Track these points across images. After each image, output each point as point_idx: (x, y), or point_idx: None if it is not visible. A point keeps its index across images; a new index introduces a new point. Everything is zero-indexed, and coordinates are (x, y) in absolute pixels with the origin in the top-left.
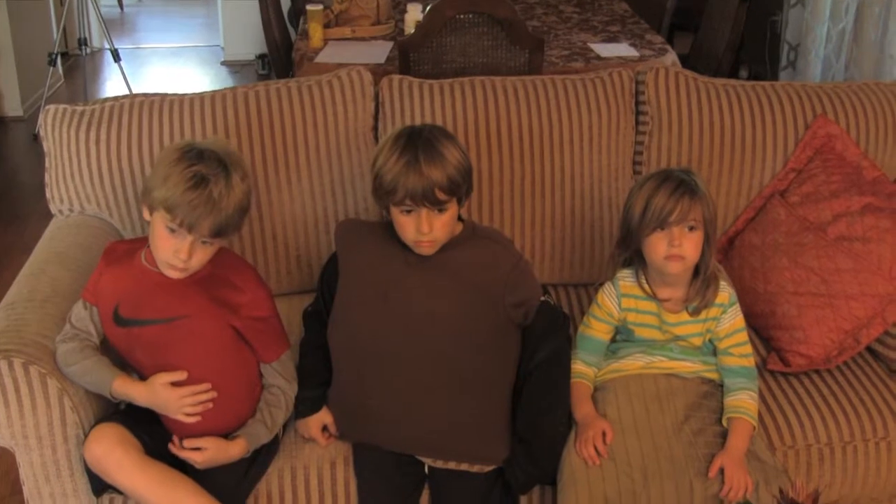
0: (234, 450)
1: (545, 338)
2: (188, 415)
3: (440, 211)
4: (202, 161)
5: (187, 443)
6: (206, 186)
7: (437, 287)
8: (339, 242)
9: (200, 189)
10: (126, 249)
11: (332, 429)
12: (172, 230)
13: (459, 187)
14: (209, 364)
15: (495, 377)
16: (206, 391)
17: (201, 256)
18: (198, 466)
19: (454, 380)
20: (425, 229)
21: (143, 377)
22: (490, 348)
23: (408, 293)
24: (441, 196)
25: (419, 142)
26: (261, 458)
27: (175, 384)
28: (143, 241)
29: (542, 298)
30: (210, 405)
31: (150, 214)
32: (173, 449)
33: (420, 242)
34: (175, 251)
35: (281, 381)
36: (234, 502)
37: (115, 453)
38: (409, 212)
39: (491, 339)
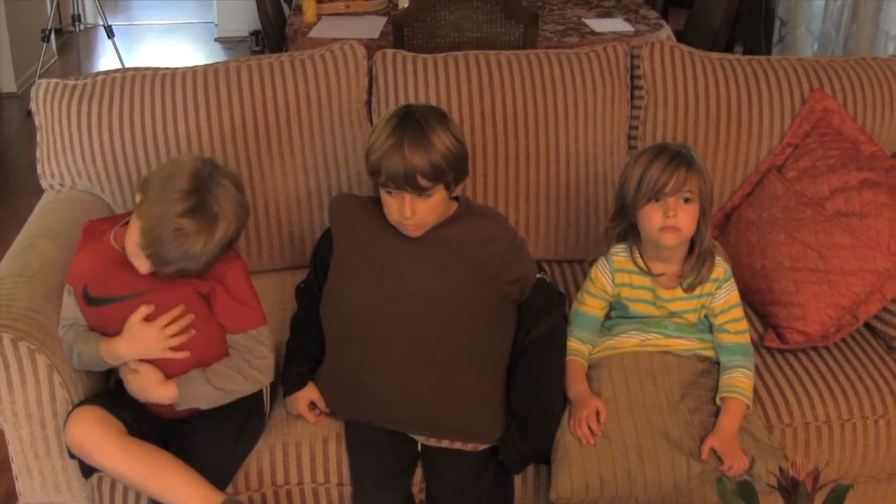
0: (160, 389)
1: (541, 315)
2: (175, 349)
3: (423, 196)
4: (195, 213)
5: (127, 367)
6: (184, 242)
7: (432, 263)
8: (334, 217)
9: (177, 240)
10: (100, 230)
11: (321, 405)
12: (132, 255)
13: (444, 174)
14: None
15: (490, 354)
16: (182, 315)
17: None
18: (130, 392)
19: (448, 357)
20: (407, 213)
21: None
22: (485, 325)
23: (402, 269)
24: (423, 182)
25: (409, 124)
26: (247, 435)
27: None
28: (118, 220)
29: (538, 275)
30: (192, 332)
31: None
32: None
33: (404, 225)
34: (139, 264)
35: (246, 347)
36: (222, 480)
37: (93, 434)
38: (391, 193)
39: (486, 316)
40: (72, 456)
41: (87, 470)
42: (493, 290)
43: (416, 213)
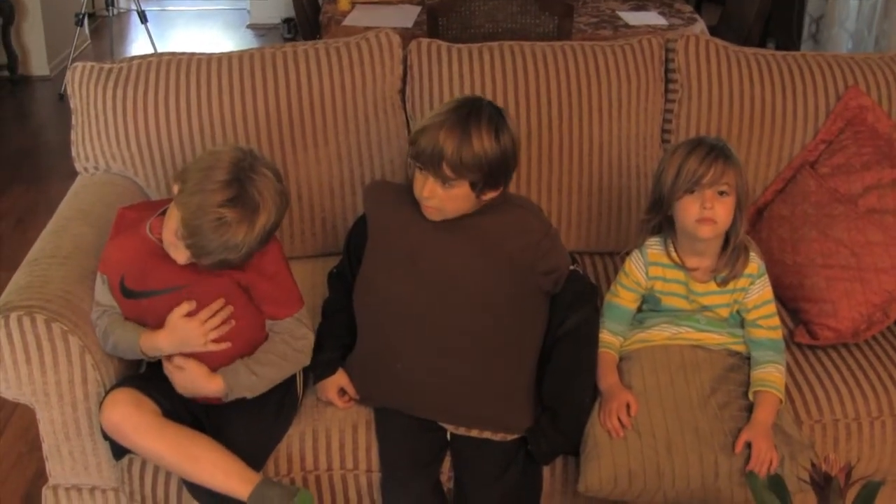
0: (207, 383)
1: (574, 307)
2: (216, 342)
3: (445, 184)
4: (235, 203)
5: (173, 361)
6: (227, 231)
7: (467, 252)
8: (368, 204)
9: (220, 231)
10: (134, 218)
11: (351, 391)
12: (176, 244)
13: (468, 172)
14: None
15: (522, 344)
16: (222, 308)
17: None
18: (177, 388)
19: (480, 346)
20: (425, 193)
21: None
22: (517, 315)
23: (436, 257)
24: (447, 171)
25: (461, 112)
26: (281, 419)
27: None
28: (153, 209)
29: (572, 267)
30: (233, 322)
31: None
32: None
33: (425, 206)
34: (175, 256)
35: (289, 330)
36: (256, 462)
37: (132, 417)
38: (419, 168)
39: (518, 306)
40: (105, 437)
41: (119, 452)
42: (526, 281)
43: (434, 196)
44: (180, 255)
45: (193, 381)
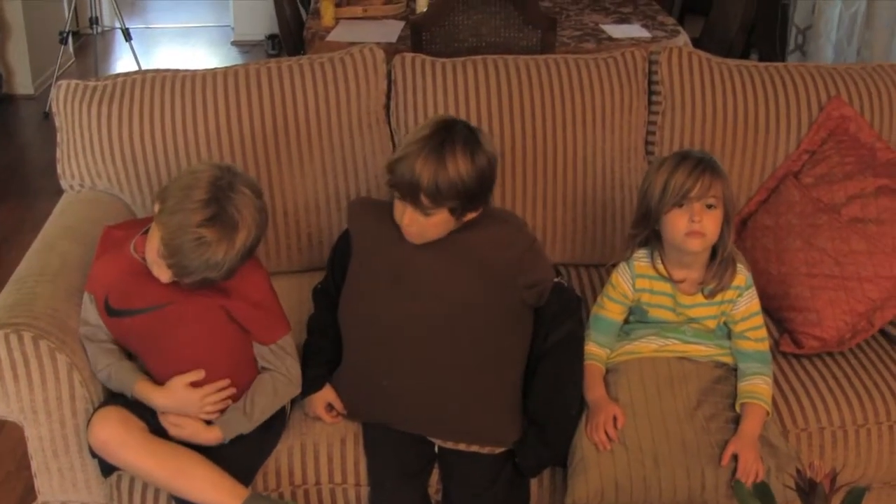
0: (206, 435)
1: (559, 320)
2: (210, 413)
3: (424, 213)
4: (213, 223)
5: (169, 419)
6: (206, 250)
7: (449, 267)
8: (352, 221)
9: (199, 250)
10: (120, 237)
11: (339, 406)
12: (158, 262)
13: (446, 200)
14: (199, 347)
15: (507, 359)
16: (226, 387)
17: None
18: (171, 434)
19: (465, 361)
20: (406, 222)
21: (140, 363)
22: (502, 330)
23: (419, 274)
24: (424, 201)
25: (435, 139)
26: (270, 434)
27: (195, 382)
28: (138, 227)
29: (556, 280)
30: (230, 402)
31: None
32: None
33: (404, 230)
34: (159, 275)
35: (275, 365)
36: (245, 477)
37: (119, 435)
38: (397, 197)
39: (503, 320)
40: (93, 455)
41: (107, 469)
42: (510, 295)
43: (415, 224)
44: (163, 273)
45: (190, 435)
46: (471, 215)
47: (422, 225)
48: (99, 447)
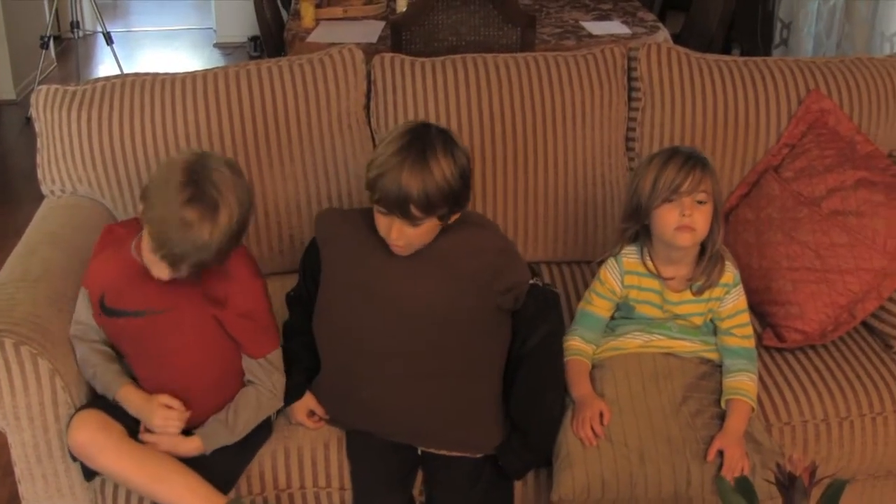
0: (185, 447)
1: (536, 322)
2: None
3: (413, 224)
4: (194, 203)
5: (145, 437)
6: (191, 231)
7: (422, 275)
8: (320, 234)
9: (184, 231)
10: (121, 234)
11: (320, 412)
12: (153, 257)
13: (436, 208)
14: (189, 356)
15: (486, 364)
16: (184, 413)
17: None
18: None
19: (444, 368)
20: (394, 236)
21: (128, 364)
22: (479, 335)
23: (392, 283)
24: (415, 212)
25: (414, 148)
26: (251, 442)
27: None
28: (139, 227)
29: (532, 281)
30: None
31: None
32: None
33: (391, 244)
34: (157, 273)
35: (261, 379)
36: (226, 484)
37: (98, 439)
38: (381, 213)
39: (480, 326)
40: (74, 459)
41: (90, 473)
42: (485, 301)
43: (403, 237)
44: (161, 270)
45: (169, 447)
46: (455, 217)
47: (410, 236)
48: (77, 450)
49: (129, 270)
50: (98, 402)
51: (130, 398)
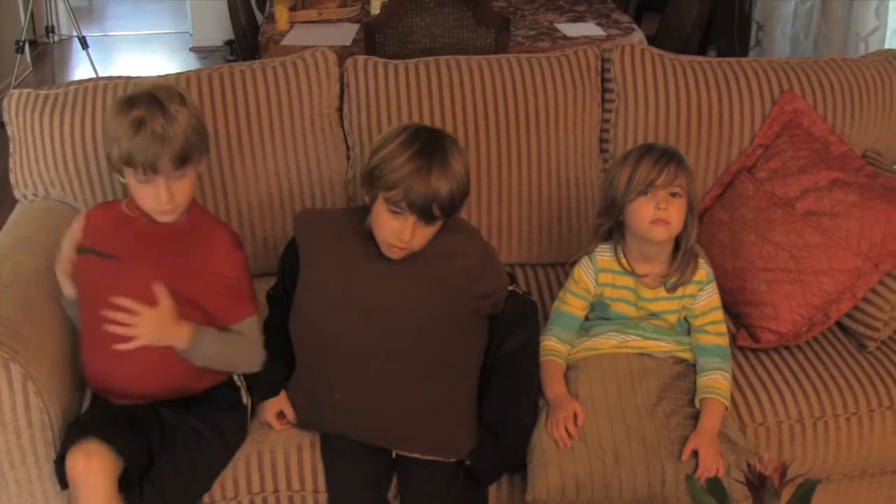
0: (179, 329)
1: (513, 328)
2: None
3: (428, 223)
4: (135, 106)
5: (123, 301)
6: (147, 126)
7: (400, 279)
8: (299, 235)
9: (143, 131)
10: (111, 202)
11: (290, 415)
12: (143, 181)
13: (456, 208)
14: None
15: (461, 368)
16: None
17: (182, 189)
18: (135, 342)
19: (419, 371)
20: (406, 237)
21: (81, 311)
22: (455, 340)
23: (370, 286)
24: (437, 212)
25: (436, 149)
26: (230, 443)
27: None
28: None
29: (510, 288)
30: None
31: (123, 177)
32: (115, 326)
33: (393, 248)
34: (157, 199)
35: (248, 338)
36: (200, 489)
37: (93, 478)
38: (396, 213)
39: (456, 330)
40: (56, 466)
41: (66, 483)
42: (463, 305)
43: (415, 237)
44: (161, 192)
45: (164, 320)
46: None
47: (419, 238)
48: (70, 473)
49: (115, 219)
50: (97, 430)
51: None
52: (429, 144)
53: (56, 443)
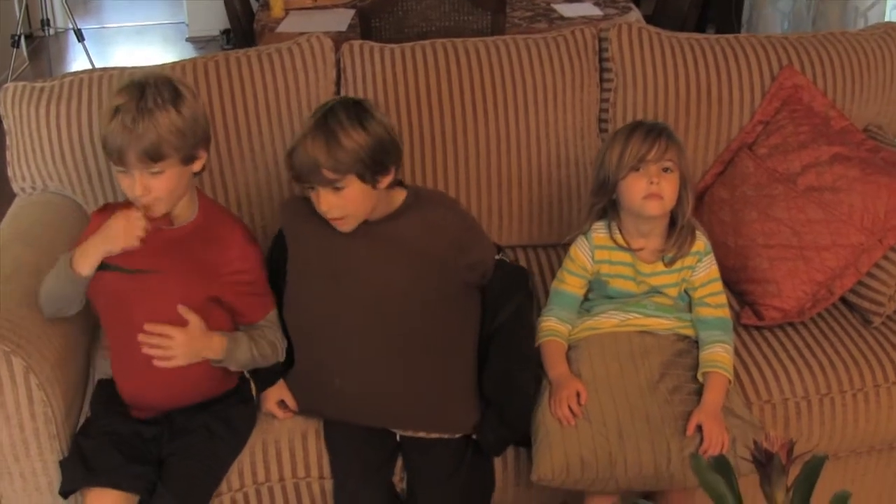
0: (212, 341)
1: (505, 296)
2: (137, 235)
3: (336, 189)
4: (121, 92)
5: (154, 328)
6: (119, 116)
7: (387, 258)
8: (285, 222)
9: (115, 120)
10: (122, 204)
11: (291, 403)
12: (119, 171)
13: (349, 166)
14: (167, 322)
15: (457, 343)
16: (134, 210)
17: (160, 186)
18: (173, 361)
19: (414, 350)
20: (323, 207)
21: (105, 327)
22: (448, 315)
23: (357, 268)
24: (329, 175)
25: (318, 118)
26: (238, 437)
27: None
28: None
29: (498, 257)
30: (145, 223)
31: None
32: (149, 347)
33: (330, 219)
34: (132, 190)
35: (276, 333)
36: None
37: None
38: (309, 188)
39: (448, 305)
40: (63, 468)
41: (67, 492)
42: (452, 279)
43: (333, 206)
44: (128, 180)
45: (194, 337)
46: (386, 179)
47: (341, 206)
48: None
49: None
50: (110, 471)
51: (85, 248)
52: (315, 115)
53: (60, 436)
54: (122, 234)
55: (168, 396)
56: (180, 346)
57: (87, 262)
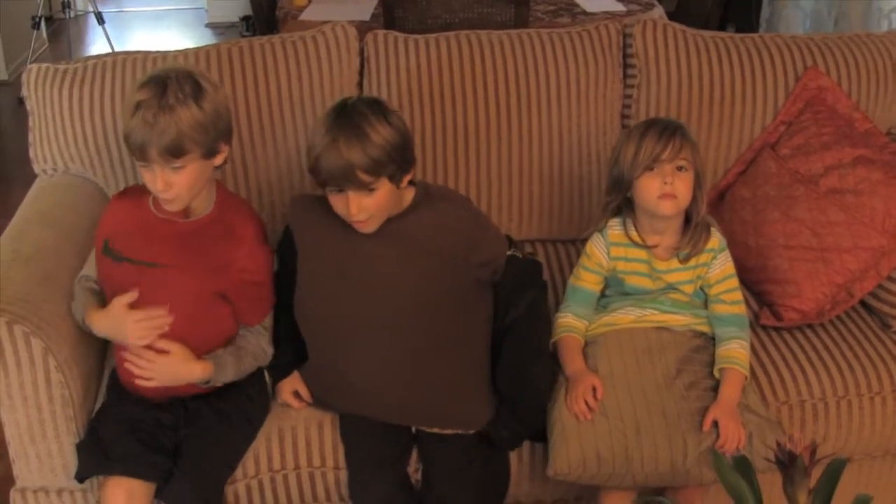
0: (192, 369)
1: (517, 292)
2: (140, 339)
3: (367, 191)
4: (144, 86)
5: (159, 344)
6: (140, 111)
7: (397, 256)
8: (294, 220)
9: (137, 115)
10: (140, 189)
11: (305, 395)
12: (142, 165)
13: (384, 167)
14: (177, 320)
15: (469, 339)
16: (161, 315)
17: (181, 181)
18: (152, 382)
19: (428, 348)
20: (353, 211)
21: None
22: (460, 311)
23: (367, 268)
24: (364, 177)
25: (343, 119)
26: (251, 427)
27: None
28: None
29: (509, 253)
30: (166, 328)
31: None
32: (132, 365)
33: (355, 223)
34: (154, 185)
35: (251, 342)
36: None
37: None
38: (334, 192)
39: (459, 301)
40: (79, 454)
41: (82, 477)
42: (463, 275)
43: (363, 209)
44: (150, 174)
45: (177, 365)
46: (406, 178)
47: (369, 207)
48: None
49: (143, 220)
50: (129, 459)
51: (98, 319)
52: (338, 116)
53: (77, 419)
54: (128, 334)
55: (167, 389)
56: (160, 371)
57: (95, 330)
